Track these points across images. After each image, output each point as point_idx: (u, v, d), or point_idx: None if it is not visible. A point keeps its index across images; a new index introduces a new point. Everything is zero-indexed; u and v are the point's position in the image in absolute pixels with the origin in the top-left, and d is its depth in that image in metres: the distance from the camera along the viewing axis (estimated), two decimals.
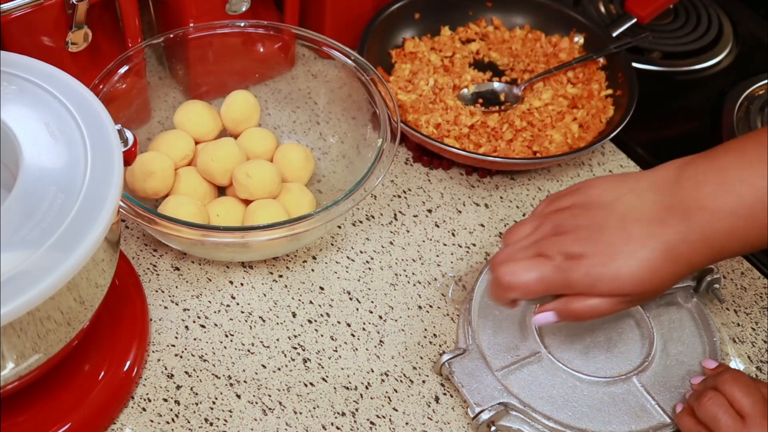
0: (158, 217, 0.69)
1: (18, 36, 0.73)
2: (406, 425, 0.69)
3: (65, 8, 0.73)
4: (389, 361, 0.72)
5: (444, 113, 0.88)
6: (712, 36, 1.07)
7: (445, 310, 0.76)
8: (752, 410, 0.60)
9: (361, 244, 0.80)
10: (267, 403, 0.69)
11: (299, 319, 0.75)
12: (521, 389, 0.68)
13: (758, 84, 1.00)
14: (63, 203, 0.53)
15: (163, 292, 0.75)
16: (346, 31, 0.92)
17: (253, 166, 0.77)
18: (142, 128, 0.83)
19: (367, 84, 0.81)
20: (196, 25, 0.83)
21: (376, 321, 0.75)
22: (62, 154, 0.56)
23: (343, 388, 0.70)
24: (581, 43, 0.97)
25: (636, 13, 0.99)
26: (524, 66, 0.96)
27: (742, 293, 0.80)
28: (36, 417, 0.63)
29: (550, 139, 0.87)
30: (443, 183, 0.86)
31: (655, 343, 0.71)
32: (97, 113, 0.59)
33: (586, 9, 1.08)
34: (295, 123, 0.88)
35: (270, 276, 0.77)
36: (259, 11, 0.89)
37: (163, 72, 0.87)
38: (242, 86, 0.86)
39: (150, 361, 0.70)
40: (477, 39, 0.98)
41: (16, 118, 0.57)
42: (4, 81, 0.59)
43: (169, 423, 0.67)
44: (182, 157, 0.79)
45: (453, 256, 0.80)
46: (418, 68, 0.92)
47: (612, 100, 0.92)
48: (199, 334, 0.73)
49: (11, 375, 0.55)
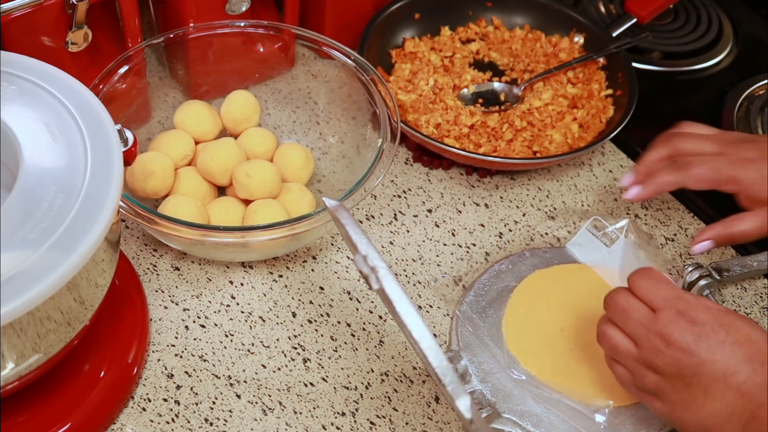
0: (158, 217, 0.69)
1: (18, 36, 0.73)
2: (406, 425, 0.69)
3: (65, 8, 0.73)
4: (389, 361, 0.72)
5: (444, 113, 0.88)
6: (712, 36, 1.07)
7: (445, 310, 0.76)
8: (663, 303, 0.60)
9: None
10: (267, 403, 0.69)
11: (299, 319, 0.75)
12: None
13: (758, 84, 1.00)
14: (63, 203, 0.53)
15: (163, 292, 0.75)
16: (346, 31, 0.92)
17: (253, 166, 0.77)
18: (142, 128, 0.84)
19: (367, 84, 0.81)
20: (196, 25, 0.83)
21: (376, 321, 0.75)
22: (62, 154, 0.56)
23: (343, 388, 0.70)
24: (581, 43, 0.97)
25: (636, 13, 1.00)
26: (524, 66, 0.96)
27: (742, 293, 0.80)
28: (36, 417, 0.63)
29: (550, 139, 0.87)
30: (443, 183, 0.86)
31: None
32: (97, 113, 0.59)
33: (586, 9, 1.08)
34: (295, 123, 0.88)
35: (270, 276, 0.77)
36: (259, 11, 0.89)
37: (163, 72, 0.87)
38: (242, 86, 0.86)
39: (150, 361, 0.71)
40: (477, 39, 0.98)
41: (16, 118, 0.57)
42: (4, 81, 0.59)
43: (169, 423, 0.67)
44: (182, 157, 0.80)
45: (453, 256, 0.80)
46: (418, 68, 0.92)
47: (612, 100, 0.92)
48: (199, 334, 0.73)
49: (11, 375, 0.55)
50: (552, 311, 0.73)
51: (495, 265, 0.78)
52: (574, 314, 0.73)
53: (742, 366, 0.57)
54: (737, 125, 0.96)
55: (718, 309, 0.59)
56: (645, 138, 0.94)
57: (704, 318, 0.58)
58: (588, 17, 0.98)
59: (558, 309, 0.74)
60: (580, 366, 0.70)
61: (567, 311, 0.73)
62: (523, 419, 0.67)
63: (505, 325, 0.72)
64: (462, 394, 0.51)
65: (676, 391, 0.59)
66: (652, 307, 0.60)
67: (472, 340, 0.71)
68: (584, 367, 0.70)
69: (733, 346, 0.57)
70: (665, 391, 0.59)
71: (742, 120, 0.97)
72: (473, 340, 0.71)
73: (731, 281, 0.80)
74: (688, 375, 0.58)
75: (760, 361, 0.57)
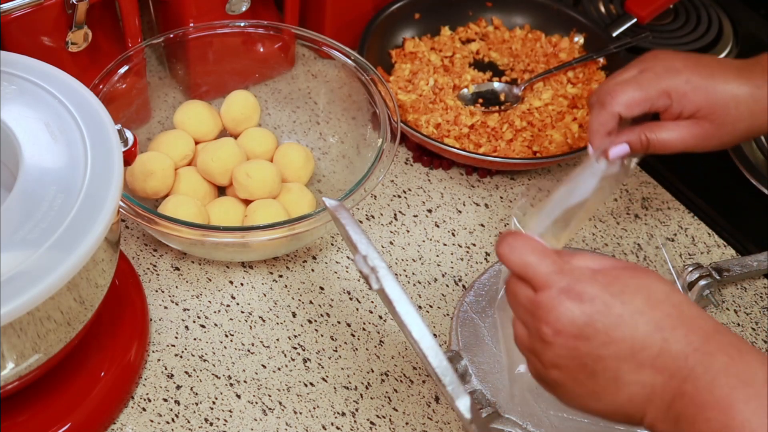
0: (158, 217, 0.69)
1: (18, 36, 0.73)
2: (406, 425, 0.69)
3: (65, 8, 0.73)
4: (389, 361, 0.72)
5: (444, 113, 0.88)
6: (712, 36, 1.07)
7: (445, 310, 0.76)
8: (542, 281, 0.49)
9: None
10: (267, 403, 0.69)
11: (299, 319, 0.75)
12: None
13: None
14: (63, 203, 0.53)
15: (163, 292, 0.75)
16: (346, 31, 0.92)
17: (253, 166, 0.77)
18: (142, 128, 0.84)
19: (367, 84, 0.81)
20: (196, 25, 0.83)
21: (376, 321, 0.75)
22: (62, 154, 0.56)
23: (343, 388, 0.70)
24: (581, 43, 0.97)
25: (636, 13, 0.99)
26: (524, 66, 0.96)
27: (742, 293, 0.80)
28: (36, 417, 0.63)
29: (550, 139, 0.87)
30: (443, 183, 0.86)
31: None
32: (97, 113, 0.59)
33: (586, 9, 1.08)
34: (295, 123, 0.88)
35: (270, 276, 0.77)
36: (259, 11, 0.89)
37: (163, 72, 0.87)
38: (242, 86, 0.86)
39: (150, 361, 0.71)
40: (477, 39, 0.98)
41: (16, 118, 0.57)
42: (4, 81, 0.59)
43: (169, 423, 0.67)
44: (182, 157, 0.79)
45: (453, 256, 0.80)
46: (418, 68, 0.92)
47: None
48: (199, 334, 0.73)
49: (11, 375, 0.55)
50: None
51: (495, 265, 0.77)
52: None
53: (650, 337, 0.47)
54: None
55: (606, 274, 0.49)
56: None
57: (592, 291, 0.48)
58: (588, 17, 0.98)
59: None
60: None
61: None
62: (524, 419, 0.67)
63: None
64: (462, 394, 0.51)
65: (581, 384, 0.49)
66: (533, 286, 0.50)
67: (472, 340, 0.71)
68: None
69: (635, 317, 0.47)
70: (567, 385, 0.50)
71: None
72: (473, 340, 0.71)
73: (731, 281, 0.80)
74: (589, 363, 0.48)
75: (670, 326, 0.47)
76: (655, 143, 0.67)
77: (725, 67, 0.65)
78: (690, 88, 0.65)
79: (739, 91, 0.64)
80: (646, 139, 0.67)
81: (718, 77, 0.64)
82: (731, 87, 0.64)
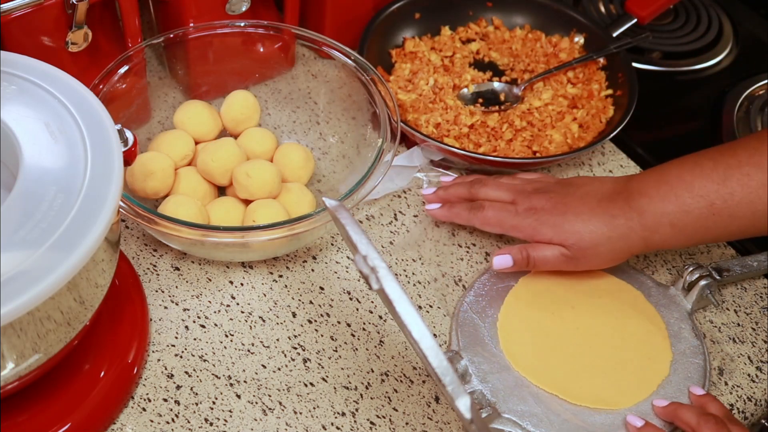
0: (158, 217, 0.69)
1: (18, 36, 0.73)
2: (406, 425, 0.69)
3: (65, 8, 0.73)
4: (389, 361, 0.72)
5: (444, 113, 0.88)
6: (712, 36, 1.07)
7: (445, 310, 0.76)
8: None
9: None
10: (267, 403, 0.69)
11: (299, 319, 0.75)
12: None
13: (758, 84, 1.01)
14: (63, 203, 0.53)
15: (163, 292, 0.75)
16: (346, 31, 0.92)
17: (253, 166, 0.77)
18: (142, 128, 0.84)
19: (367, 84, 0.81)
20: (196, 25, 0.83)
21: (376, 321, 0.75)
22: (62, 154, 0.56)
23: (343, 388, 0.70)
24: (581, 43, 0.97)
25: (636, 14, 1.00)
26: (524, 66, 0.96)
27: (742, 293, 0.80)
28: (36, 417, 0.63)
29: (550, 139, 0.87)
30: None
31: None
32: (97, 113, 0.59)
33: (586, 9, 1.08)
34: (295, 123, 0.88)
35: (270, 276, 0.77)
36: (259, 11, 0.89)
37: (163, 72, 0.87)
38: (242, 86, 0.86)
39: (150, 361, 0.71)
40: (477, 39, 0.98)
41: (16, 118, 0.57)
42: (4, 81, 0.59)
43: (169, 423, 0.67)
44: (182, 157, 0.80)
45: (453, 256, 0.80)
46: (418, 68, 0.92)
47: (612, 100, 0.92)
48: (199, 334, 0.73)
49: (11, 375, 0.55)
50: (550, 310, 0.73)
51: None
52: (574, 313, 0.73)
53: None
54: (737, 125, 0.96)
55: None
56: (645, 138, 0.95)
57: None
58: (588, 17, 0.98)
59: (557, 307, 0.74)
60: (579, 366, 0.70)
61: (566, 310, 0.73)
62: (523, 419, 0.67)
63: (500, 327, 0.72)
64: (462, 394, 0.51)
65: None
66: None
67: (472, 340, 0.71)
68: (583, 367, 0.70)
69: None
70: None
71: (742, 120, 0.97)
72: (473, 340, 0.71)
73: (731, 281, 0.80)
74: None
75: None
76: (535, 259, 0.73)
77: (584, 202, 0.72)
78: (538, 224, 0.73)
79: (590, 224, 0.71)
80: (527, 255, 0.73)
81: (570, 214, 0.72)
82: (580, 222, 0.71)
